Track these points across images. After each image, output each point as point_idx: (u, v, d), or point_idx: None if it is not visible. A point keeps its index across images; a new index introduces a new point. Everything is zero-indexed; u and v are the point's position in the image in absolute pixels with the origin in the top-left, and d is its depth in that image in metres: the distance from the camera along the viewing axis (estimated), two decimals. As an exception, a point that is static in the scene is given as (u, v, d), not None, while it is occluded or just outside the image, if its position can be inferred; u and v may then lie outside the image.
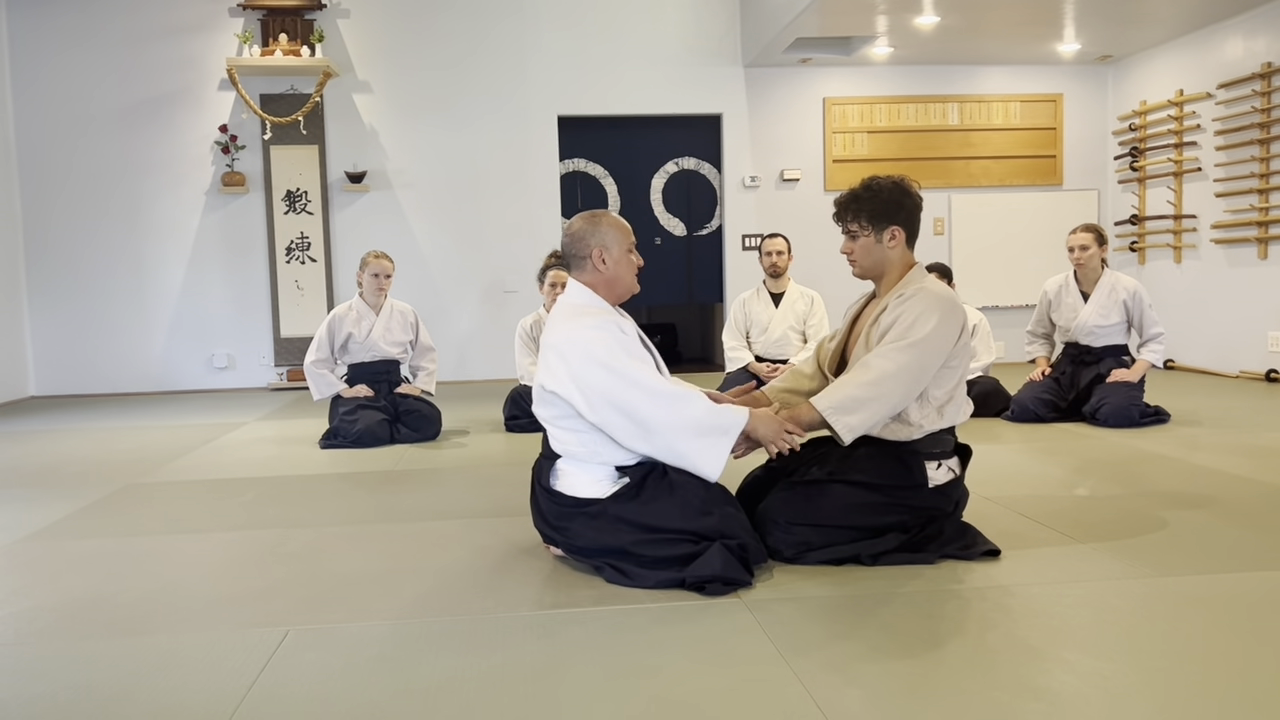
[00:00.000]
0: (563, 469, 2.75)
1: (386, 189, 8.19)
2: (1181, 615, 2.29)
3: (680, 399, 2.58)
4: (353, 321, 5.31)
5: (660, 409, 2.56)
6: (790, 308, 6.08)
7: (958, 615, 2.33)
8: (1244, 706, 1.81)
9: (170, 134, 7.99)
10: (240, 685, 2.01)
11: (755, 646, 2.15)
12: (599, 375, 2.58)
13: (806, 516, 2.73)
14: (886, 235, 2.87)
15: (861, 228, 2.88)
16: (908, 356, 2.69)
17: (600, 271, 2.79)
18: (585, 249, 2.78)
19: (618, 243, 2.80)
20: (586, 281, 2.81)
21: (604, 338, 2.63)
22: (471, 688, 1.98)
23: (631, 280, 2.85)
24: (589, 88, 8.29)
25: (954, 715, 1.80)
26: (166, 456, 4.89)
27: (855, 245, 2.91)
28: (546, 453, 2.82)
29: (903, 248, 2.90)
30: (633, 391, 2.56)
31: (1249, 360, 7.17)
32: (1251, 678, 1.93)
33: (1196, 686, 1.90)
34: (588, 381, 2.59)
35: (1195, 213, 7.70)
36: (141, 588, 2.71)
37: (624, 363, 2.59)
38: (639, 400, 2.56)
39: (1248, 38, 7.14)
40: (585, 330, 2.64)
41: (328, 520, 3.47)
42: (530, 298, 7.07)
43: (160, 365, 8.10)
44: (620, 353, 2.61)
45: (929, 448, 2.82)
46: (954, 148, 8.66)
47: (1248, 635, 2.16)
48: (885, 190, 2.87)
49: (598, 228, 2.79)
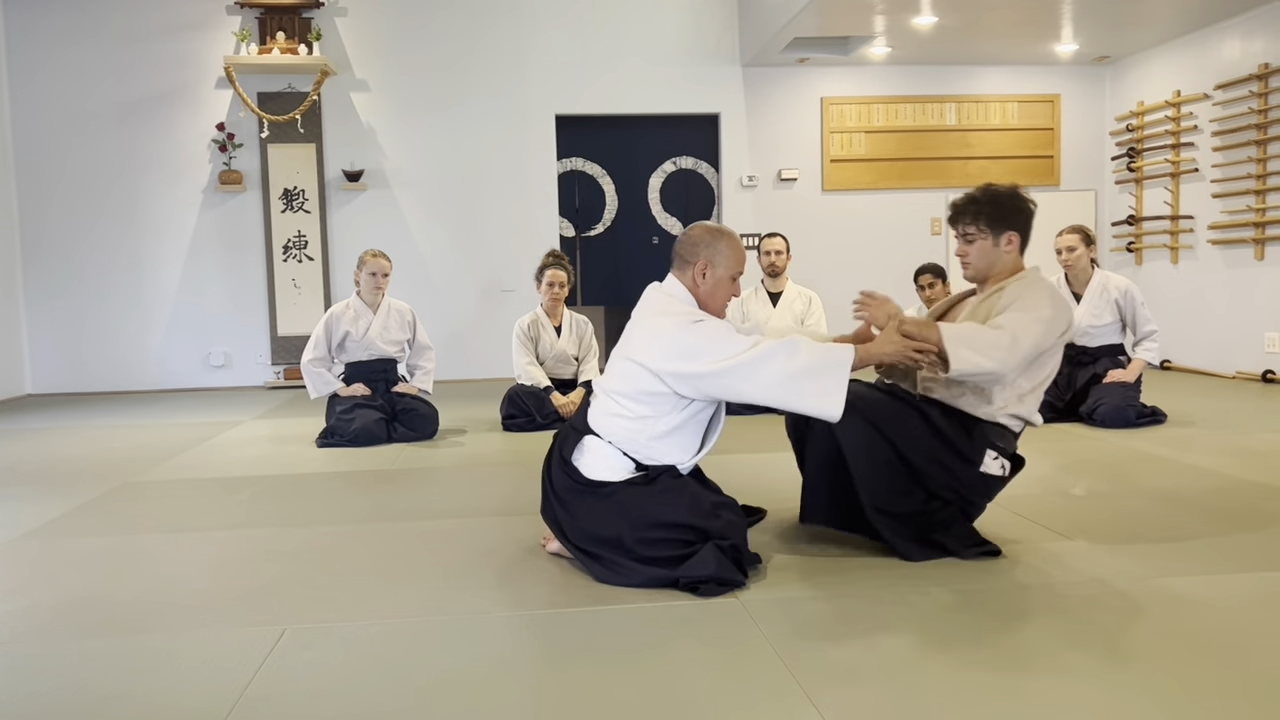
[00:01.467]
0: (589, 446, 2.74)
1: (384, 188, 8.19)
2: (1176, 616, 2.30)
3: (788, 348, 2.57)
4: (350, 320, 5.31)
5: (772, 357, 2.54)
6: (788, 307, 6.09)
7: (953, 614, 2.33)
8: (1237, 706, 1.82)
9: (167, 132, 7.98)
10: (236, 684, 2.01)
11: (752, 647, 2.15)
12: (711, 347, 2.58)
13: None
14: (1004, 240, 2.89)
15: (980, 230, 2.90)
16: (1036, 330, 2.72)
17: (698, 284, 2.76)
18: (694, 256, 2.75)
19: (726, 265, 2.75)
20: (685, 285, 2.78)
21: (707, 321, 2.66)
22: (468, 687, 1.98)
23: (721, 307, 2.80)
24: (587, 87, 8.29)
25: (950, 715, 1.80)
26: (163, 455, 4.88)
27: (971, 248, 2.92)
28: (578, 424, 2.80)
29: (1017, 253, 2.93)
30: (745, 355, 2.55)
31: (1245, 361, 7.18)
32: (1246, 677, 1.94)
33: (1190, 686, 1.90)
34: (703, 358, 2.58)
35: (1192, 213, 7.71)
36: (138, 586, 2.71)
37: (730, 335, 2.61)
38: (750, 356, 2.55)
39: (1245, 39, 7.14)
40: (690, 314, 2.68)
41: (324, 519, 3.47)
42: (528, 297, 7.06)
43: (157, 363, 8.09)
44: (725, 329, 2.64)
45: (994, 437, 2.83)
46: (951, 148, 8.66)
47: (1241, 635, 2.16)
48: (1004, 195, 2.91)
49: (716, 242, 2.75)
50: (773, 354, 2.55)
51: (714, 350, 2.58)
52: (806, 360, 2.55)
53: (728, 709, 1.86)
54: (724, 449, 4.50)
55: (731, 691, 1.93)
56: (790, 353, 2.55)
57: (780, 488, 3.75)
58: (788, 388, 2.56)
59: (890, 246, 8.50)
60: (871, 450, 2.73)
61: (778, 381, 2.55)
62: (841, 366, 2.56)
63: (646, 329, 2.72)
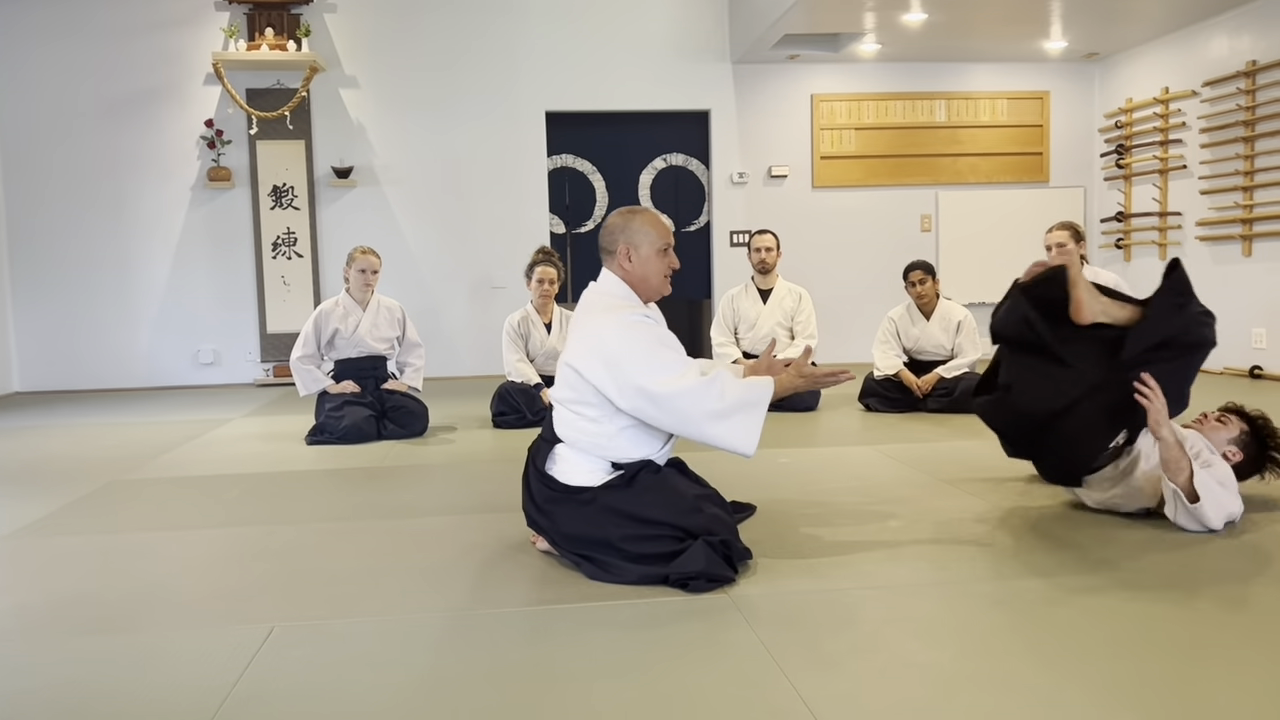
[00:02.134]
0: (561, 454, 2.75)
1: (374, 184, 8.16)
2: (1135, 618, 2.31)
3: (709, 383, 2.57)
4: (339, 317, 5.30)
5: (691, 395, 2.55)
6: (778, 304, 6.09)
7: (943, 608, 2.34)
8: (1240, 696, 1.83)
9: (155, 129, 7.94)
10: (225, 682, 2.00)
11: (742, 642, 2.15)
12: (637, 363, 2.59)
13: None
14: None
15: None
16: None
17: (626, 270, 2.76)
18: (614, 244, 2.76)
19: (649, 242, 2.75)
20: (617, 275, 2.79)
21: (638, 327, 2.65)
22: (457, 685, 1.98)
23: (660, 282, 2.79)
24: (577, 83, 8.28)
25: (938, 707, 1.81)
26: (152, 453, 4.87)
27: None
28: (548, 435, 2.81)
29: None
30: (664, 381, 2.56)
31: (1233, 357, 7.21)
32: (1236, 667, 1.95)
33: (1186, 676, 1.91)
34: (625, 369, 2.59)
35: (1180, 210, 7.74)
36: (126, 585, 2.70)
37: (657, 353, 2.61)
38: (670, 388, 2.55)
39: (1232, 36, 7.17)
40: (622, 317, 2.66)
41: (313, 517, 3.46)
42: (518, 294, 7.05)
43: (145, 361, 8.06)
44: (654, 343, 2.64)
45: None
46: (941, 145, 8.68)
47: (1217, 626, 2.18)
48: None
49: (630, 224, 2.76)
50: (693, 390, 2.56)
51: (638, 367, 2.58)
52: (728, 401, 2.57)
53: (715, 704, 1.86)
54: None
55: (719, 686, 1.93)
56: (711, 391, 2.56)
57: (770, 483, 3.76)
58: (702, 426, 2.58)
59: (881, 243, 8.51)
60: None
61: (693, 420, 2.57)
62: (757, 406, 2.59)
63: (578, 333, 2.72)
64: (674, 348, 2.69)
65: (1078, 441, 3.00)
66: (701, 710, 1.83)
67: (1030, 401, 3.00)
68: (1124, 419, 2.97)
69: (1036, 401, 2.99)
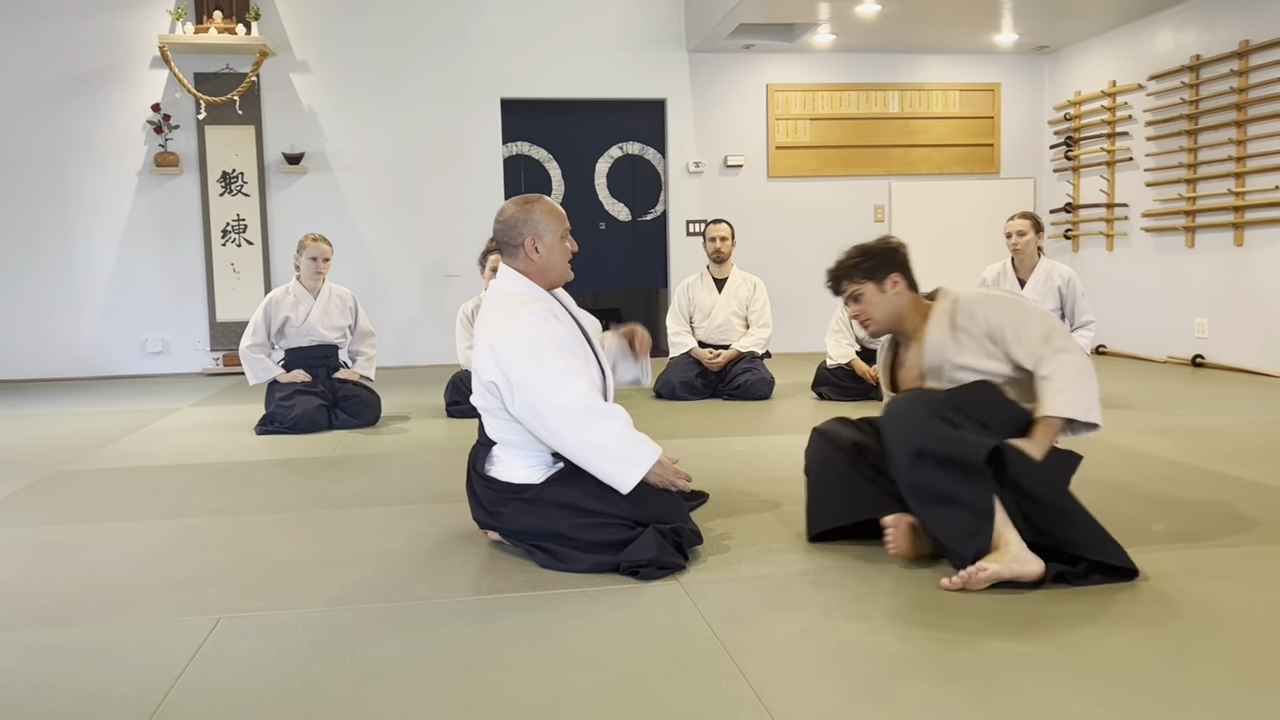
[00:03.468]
0: (498, 455, 2.75)
1: (325, 171, 8.06)
2: (1093, 594, 2.36)
3: (597, 418, 2.56)
4: (290, 305, 5.23)
5: (575, 424, 2.55)
6: (733, 293, 6.12)
7: (890, 595, 2.37)
8: (1147, 680, 1.87)
9: (100, 113, 7.77)
10: (169, 674, 1.98)
11: (690, 629, 2.17)
12: (524, 374, 2.57)
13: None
14: (888, 283, 2.82)
15: (861, 284, 2.83)
16: (1046, 319, 2.68)
17: (533, 260, 2.75)
18: (518, 237, 2.74)
19: (551, 230, 2.75)
20: (519, 269, 2.77)
21: (535, 335, 2.60)
22: (405, 675, 1.97)
23: (565, 268, 2.80)
24: (532, 70, 8.23)
25: (883, 692, 1.83)
26: (97, 443, 4.78)
27: (861, 305, 2.85)
28: (483, 439, 2.82)
29: (905, 289, 2.84)
30: (555, 398, 2.55)
31: (1176, 346, 7.37)
32: (1159, 653, 2.00)
33: (1119, 658, 1.96)
34: (515, 378, 2.58)
35: (1127, 201, 7.88)
36: (68, 577, 2.65)
37: (552, 365, 2.57)
38: (556, 411, 2.55)
39: (1177, 30, 7.31)
40: (518, 323, 2.62)
41: (262, 507, 3.43)
42: (473, 282, 7.01)
43: (91, 349, 7.90)
44: (549, 354, 2.59)
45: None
46: (894, 135, 8.75)
47: (1158, 611, 2.23)
48: (870, 246, 2.88)
49: (530, 215, 2.74)
50: (595, 413, 2.55)
51: (530, 381, 2.56)
52: (612, 440, 2.56)
53: (663, 690, 1.87)
54: (665, 434, 4.53)
55: (668, 672, 1.94)
56: (598, 426, 2.55)
57: (721, 471, 3.78)
58: (582, 456, 2.58)
59: (834, 233, 8.51)
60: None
61: (572, 448, 2.58)
62: (636, 465, 2.58)
63: (479, 340, 2.70)
64: (573, 357, 2.63)
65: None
66: (648, 697, 1.84)
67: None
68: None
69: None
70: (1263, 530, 2.88)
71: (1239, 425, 4.67)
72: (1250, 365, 6.68)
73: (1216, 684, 1.85)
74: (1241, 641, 2.05)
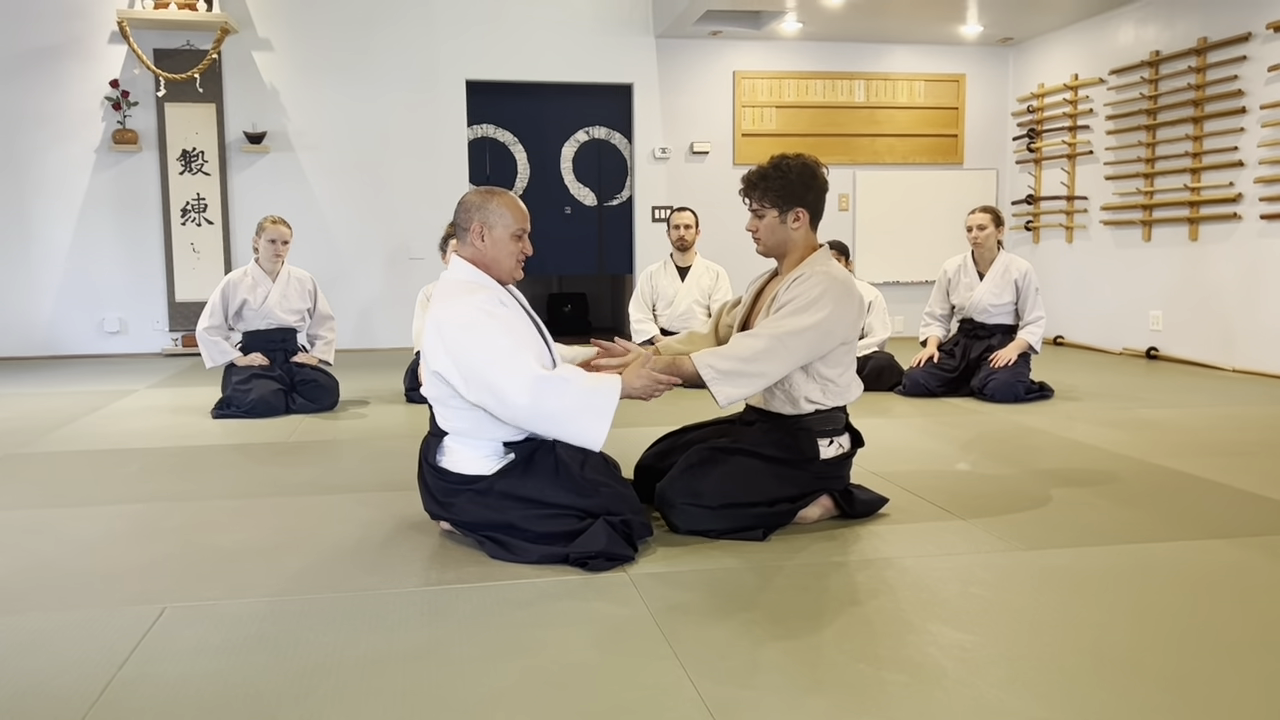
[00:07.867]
0: (449, 446, 2.75)
1: (287, 150, 7.98)
2: (1044, 588, 2.41)
3: (553, 383, 2.54)
4: (248, 288, 5.19)
5: (534, 393, 2.52)
6: (696, 282, 6.13)
7: (836, 589, 2.40)
8: (1091, 673, 1.92)
9: (56, 88, 7.64)
10: (110, 665, 1.97)
11: (635, 621, 2.19)
12: (475, 357, 2.56)
13: (701, 496, 2.77)
14: (791, 216, 2.90)
15: (766, 207, 2.91)
16: (808, 337, 2.75)
17: (477, 248, 2.74)
18: (468, 221, 2.74)
19: (503, 223, 2.73)
20: (467, 256, 2.77)
21: (481, 318, 2.60)
22: (350, 666, 1.98)
23: (512, 266, 2.77)
24: (499, 52, 8.18)
25: (820, 687, 1.87)
26: (49, 425, 4.72)
27: (760, 224, 2.94)
28: (434, 430, 2.81)
29: (806, 229, 2.94)
30: (507, 375, 2.53)
31: (1132, 338, 7.48)
32: (1104, 646, 2.05)
33: (1050, 656, 2.00)
34: (465, 363, 2.57)
35: (1086, 194, 7.98)
36: (11, 564, 2.63)
37: (499, 344, 2.56)
38: (513, 384, 2.52)
39: (1138, 26, 7.38)
40: (464, 309, 2.62)
41: (215, 493, 3.41)
42: (435, 265, 6.97)
43: (47, 329, 7.79)
44: (497, 334, 2.58)
45: (821, 425, 2.90)
46: (860, 125, 8.79)
47: (1104, 607, 2.28)
48: (793, 171, 2.89)
49: (487, 204, 2.74)
50: (534, 388, 2.52)
51: (480, 361, 2.55)
52: (574, 397, 2.54)
53: (605, 681, 1.89)
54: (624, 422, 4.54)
55: (611, 664, 1.97)
56: (552, 390, 2.53)
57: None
58: (545, 422, 2.57)
59: (799, 221, 8.59)
60: (723, 516, 2.77)
61: (535, 417, 2.56)
62: (602, 412, 2.55)
63: (428, 327, 2.68)
64: (521, 339, 2.63)
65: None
66: (588, 690, 1.86)
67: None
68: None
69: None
70: (1202, 526, 2.95)
71: (1187, 418, 4.76)
72: (1202, 358, 6.80)
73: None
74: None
